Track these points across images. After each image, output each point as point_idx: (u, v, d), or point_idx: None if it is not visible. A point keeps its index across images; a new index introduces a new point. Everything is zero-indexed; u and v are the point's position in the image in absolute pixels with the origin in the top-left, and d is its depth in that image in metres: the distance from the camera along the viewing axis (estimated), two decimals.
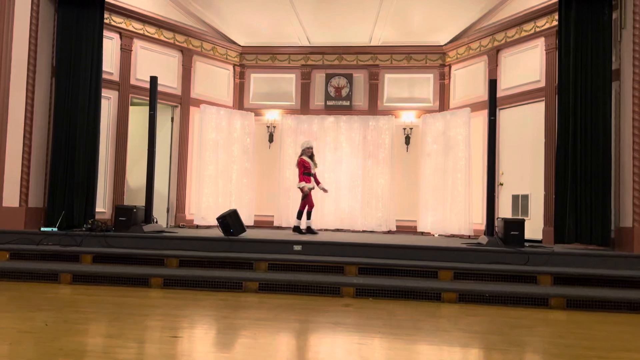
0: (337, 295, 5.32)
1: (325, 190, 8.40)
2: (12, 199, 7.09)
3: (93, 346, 3.33)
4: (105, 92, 8.15)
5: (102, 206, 8.29)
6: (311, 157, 8.26)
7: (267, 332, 3.79)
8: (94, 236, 6.61)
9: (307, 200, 8.13)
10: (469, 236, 8.93)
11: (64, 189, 7.33)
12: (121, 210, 7.08)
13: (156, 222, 7.57)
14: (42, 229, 6.95)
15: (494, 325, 4.27)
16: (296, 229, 8.14)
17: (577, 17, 6.72)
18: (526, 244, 6.46)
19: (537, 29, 8.12)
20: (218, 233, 7.13)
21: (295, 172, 9.17)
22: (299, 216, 8.14)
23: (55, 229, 6.92)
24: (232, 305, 4.76)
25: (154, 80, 7.56)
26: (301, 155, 8.28)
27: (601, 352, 3.49)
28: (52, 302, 4.65)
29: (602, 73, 6.60)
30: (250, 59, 10.57)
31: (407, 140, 10.09)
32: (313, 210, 8.29)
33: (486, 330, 4.09)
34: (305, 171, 8.14)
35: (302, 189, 8.12)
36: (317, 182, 8.35)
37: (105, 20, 8.05)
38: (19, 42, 7.16)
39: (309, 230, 8.18)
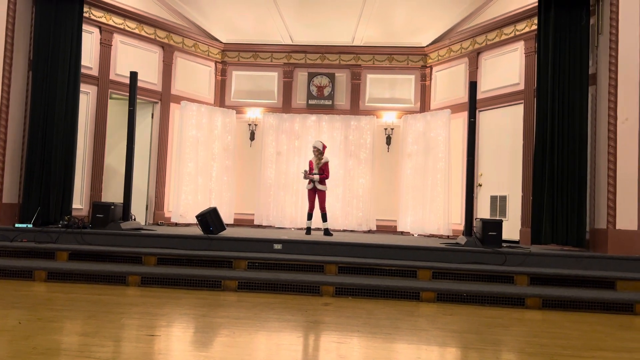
0: (317, 294, 5.33)
1: (304, 175, 8.09)
2: None
3: (68, 345, 3.27)
4: (83, 87, 8.04)
5: (79, 202, 8.17)
6: (316, 156, 8.11)
7: (245, 331, 3.77)
8: (70, 233, 6.50)
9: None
10: (448, 236, 9.02)
11: (39, 185, 7.19)
12: (98, 207, 6.98)
13: (134, 219, 7.49)
14: (17, 225, 6.81)
15: (471, 324, 4.32)
16: (326, 232, 8.07)
17: (555, 21, 6.83)
18: (504, 244, 6.55)
19: (517, 33, 8.23)
20: (197, 231, 7.08)
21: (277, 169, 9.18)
22: (323, 218, 8.10)
23: (30, 226, 6.80)
24: (211, 304, 4.73)
25: (133, 75, 7.46)
26: None
27: (575, 351, 3.56)
28: (26, 300, 4.56)
29: (579, 77, 6.72)
30: (232, 56, 10.51)
31: (388, 140, 10.15)
32: (314, 212, 8.15)
33: (463, 329, 4.14)
34: (303, 175, 8.16)
35: None
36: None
37: (85, 14, 7.93)
38: None
39: (308, 230, 8.17)
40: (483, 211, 8.68)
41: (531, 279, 5.60)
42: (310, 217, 8.18)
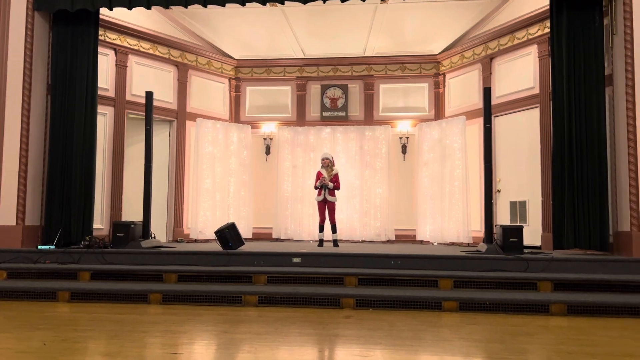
0: (338, 306, 5.30)
1: (319, 187, 8.05)
2: (8, 217, 7.05)
3: None
4: (101, 109, 8.16)
5: (100, 222, 8.27)
6: (328, 167, 8.13)
7: (267, 347, 3.76)
8: (91, 253, 6.57)
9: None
10: (468, 244, 8.93)
11: (60, 206, 7.29)
12: (119, 226, 7.05)
13: (154, 237, 7.54)
14: (40, 247, 6.91)
15: (495, 333, 4.25)
16: (334, 243, 8.03)
17: (568, 24, 6.77)
18: (525, 250, 6.46)
19: (530, 37, 8.18)
20: (216, 247, 7.11)
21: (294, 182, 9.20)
22: (333, 230, 8.09)
23: (52, 247, 6.89)
24: (232, 320, 4.73)
25: (149, 95, 7.56)
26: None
27: (603, 357, 3.48)
28: (50, 321, 4.62)
29: (595, 79, 6.64)
30: (246, 72, 10.61)
31: (404, 149, 10.12)
32: (325, 223, 8.09)
33: (487, 338, 4.08)
34: (318, 182, 8.09)
35: None
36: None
37: (100, 37, 8.07)
38: (14, 61, 7.15)
39: (320, 242, 8.15)
40: (503, 217, 8.58)
41: (555, 285, 5.51)
42: (321, 229, 8.15)
